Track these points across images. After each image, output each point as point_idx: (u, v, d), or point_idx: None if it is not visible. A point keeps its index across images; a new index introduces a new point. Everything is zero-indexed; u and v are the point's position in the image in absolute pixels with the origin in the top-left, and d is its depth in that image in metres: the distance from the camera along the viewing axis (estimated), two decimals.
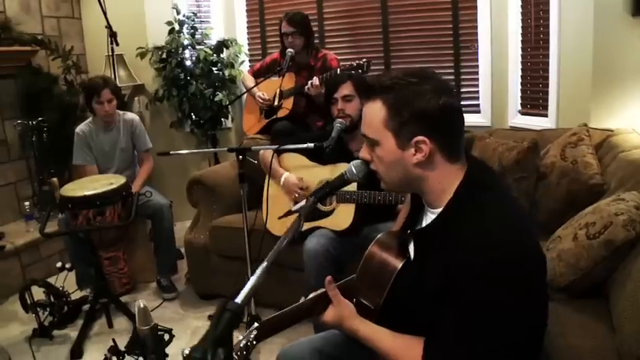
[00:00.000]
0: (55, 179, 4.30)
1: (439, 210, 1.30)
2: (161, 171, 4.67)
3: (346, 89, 2.82)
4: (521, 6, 3.56)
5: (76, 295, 3.42)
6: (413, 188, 1.36)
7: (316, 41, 3.95)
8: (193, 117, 4.55)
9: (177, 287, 3.68)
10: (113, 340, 2.10)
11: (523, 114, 3.66)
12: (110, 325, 3.26)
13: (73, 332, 3.19)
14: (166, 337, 1.98)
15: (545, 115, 3.36)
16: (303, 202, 1.53)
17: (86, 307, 3.29)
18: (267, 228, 2.89)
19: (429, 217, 1.36)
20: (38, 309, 3.12)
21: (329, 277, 1.44)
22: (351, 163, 1.46)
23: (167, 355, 2.02)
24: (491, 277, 1.14)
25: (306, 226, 2.84)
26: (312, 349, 1.63)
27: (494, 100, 3.82)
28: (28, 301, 3.09)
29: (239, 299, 1.04)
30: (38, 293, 3.15)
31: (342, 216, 2.77)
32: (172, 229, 3.72)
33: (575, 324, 1.80)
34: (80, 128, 3.72)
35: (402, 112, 1.24)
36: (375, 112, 1.28)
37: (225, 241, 3.32)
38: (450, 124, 1.27)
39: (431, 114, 1.23)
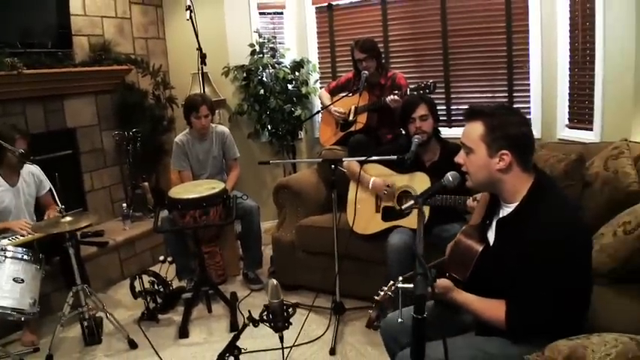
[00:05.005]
0: (146, 183, 4.82)
1: (514, 204, 1.79)
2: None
3: (422, 110, 3.16)
4: (570, 31, 3.88)
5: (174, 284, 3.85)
6: (493, 187, 1.86)
7: (383, 61, 4.34)
8: (269, 128, 5.01)
9: (262, 279, 4.10)
10: (249, 311, 2.51)
11: (570, 128, 3.98)
12: (209, 310, 3.69)
13: (175, 316, 3.64)
14: (290, 310, 2.39)
15: (591, 129, 3.66)
16: (410, 203, 2.10)
17: (186, 295, 3.69)
18: (353, 229, 3.35)
19: (505, 210, 1.84)
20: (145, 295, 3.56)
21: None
22: (448, 173, 1.95)
23: (291, 324, 2.38)
24: (555, 249, 1.63)
25: (388, 224, 3.27)
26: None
27: (544, 116, 4.16)
28: (137, 289, 3.55)
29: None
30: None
31: None
32: (260, 228, 4.14)
33: (616, 305, 2.19)
34: (179, 138, 4.20)
35: (496, 131, 1.76)
36: (475, 128, 1.80)
37: (310, 239, 3.75)
38: (525, 146, 1.78)
39: (515, 137, 1.75)
